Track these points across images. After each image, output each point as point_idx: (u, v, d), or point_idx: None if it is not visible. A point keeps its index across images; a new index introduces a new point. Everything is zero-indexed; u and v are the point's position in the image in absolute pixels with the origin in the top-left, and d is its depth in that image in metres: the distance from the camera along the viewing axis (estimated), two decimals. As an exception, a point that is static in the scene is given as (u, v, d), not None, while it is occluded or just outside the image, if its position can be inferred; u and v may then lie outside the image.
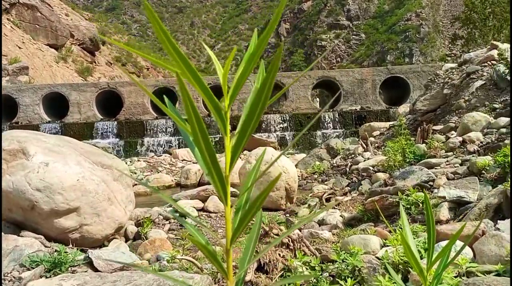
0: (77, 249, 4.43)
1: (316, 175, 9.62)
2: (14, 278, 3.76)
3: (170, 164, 14.20)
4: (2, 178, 4.43)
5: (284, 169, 6.81)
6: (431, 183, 5.03)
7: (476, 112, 7.17)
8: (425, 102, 9.97)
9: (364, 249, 3.34)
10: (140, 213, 6.10)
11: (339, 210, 5.71)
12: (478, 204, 3.76)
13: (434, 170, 5.44)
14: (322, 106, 33.75)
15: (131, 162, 14.44)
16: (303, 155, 12.96)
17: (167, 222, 6.27)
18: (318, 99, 45.40)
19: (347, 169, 8.87)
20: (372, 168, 7.77)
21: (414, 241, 2.40)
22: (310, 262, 3.31)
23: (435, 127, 8.00)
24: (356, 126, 18.75)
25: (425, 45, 70.76)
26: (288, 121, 20.33)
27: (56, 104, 22.98)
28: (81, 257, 4.18)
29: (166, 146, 19.72)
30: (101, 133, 20.72)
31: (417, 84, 21.27)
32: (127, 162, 14.23)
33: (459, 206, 4.14)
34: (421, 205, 4.27)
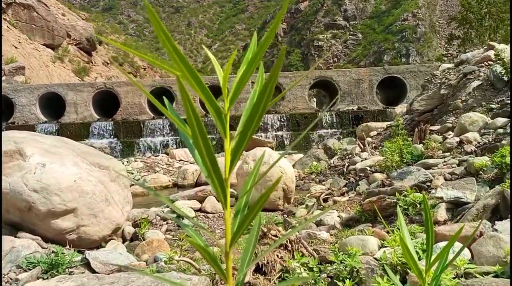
0: (74, 250, 4.42)
1: (314, 175, 9.62)
2: (11, 280, 3.75)
3: (167, 164, 14.17)
4: (-1, 179, 4.41)
5: (282, 169, 6.81)
6: (429, 184, 5.03)
7: (473, 112, 7.18)
8: (422, 102, 9.99)
9: (362, 250, 3.34)
10: (138, 214, 6.08)
11: (337, 211, 5.71)
12: (476, 205, 3.77)
13: (432, 171, 5.45)
14: (319, 106, 33.77)
15: (128, 162, 14.41)
16: (301, 155, 12.95)
17: (165, 223, 6.25)
18: (315, 99, 45.47)
19: (345, 169, 8.89)
20: (370, 168, 7.78)
21: (412, 242, 2.40)
22: (308, 263, 3.31)
23: (432, 127, 8.01)
24: (353, 126, 18.75)
25: (422, 45, 70.93)
26: (286, 121, 20.33)
27: (53, 104, 22.91)
28: (78, 258, 4.16)
29: (163, 146, 19.68)
30: (98, 133, 20.65)
31: (414, 84, 21.30)
32: (124, 162, 14.19)
33: (457, 207, 4.14)
34: (419, 206, 4.27)
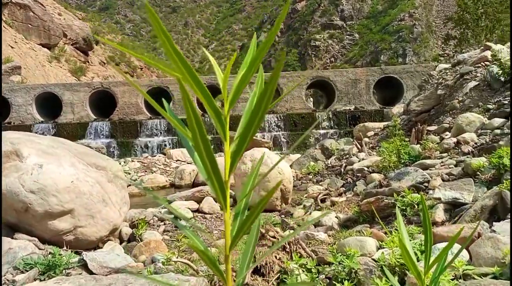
0: (72, 251, 4.40)
1: (311, 176, 9.62)
2: (8, 281, 3.73)
3: (164, 164, 14.14)
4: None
5: (279, 170, 6.80)
6: (426, 184, 5.04)
7: (470, 113, 7.19)
8: (419, 102, 10.01)
9: (361, 251, 3.34)
10: (135, 214, 6.07)
11: (335, 211, 5.71)
12: (474, 206, 3.77)
13: (429, 171, 5.45)
14: (316, 106, 33.79)
15: (125, 162, 14.38)
16: (298, 155, 12.95)
17: (162, 223, 6.24)
18: (312, 99, 45.51)
19: (342, 170, 8.89)
20: (367, 169, 7.78)
21: (411, 243, 2.40)
22: (307, 264, 3.30)
23: (429, 128, 8.02)
24: (350, 126, 18.77)
25: (418, 45, 71.00)
26: (283, 121, 20.32)
27: (49, 104, 22.84)
28: (76, 260, 4.15)
29: (160, 146, 19.65)
30: (95, 133, 20.60)
31: (411, 84, 21.34)
32: (121, 162, 14.16)
33: (454, 208, 4.14)
34: (417, 206, 4.27)
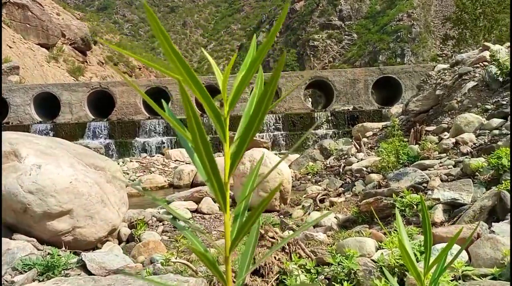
0: (70, 252, 4.39)
1: (310, 176, 9.62)
2: (7, 282, 3.72)
3: (163, 164, 14.13)
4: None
5: (278, 170, 6.80)
6: (425, 185, 5.04)
7: (469, 113, 7.20)
8: (418, 103, 10.02)
9: (360, 252, 3.33)
10: (134, 215, 6.06)
11: (333, 212, 5.71)
12: (472, 206, 3.77)
13: (428, 172, 5.46)
14: (314, 106, 33.81)
15: (124, 163, 14.37)
16: (297, 156, 12.94)
17: (161, 224, 6.23)
18: (311, 99, 45.55)
19: (341, 170, 8.89)
20: (366, 169, 7.79)
21: (410, 244, 2.40)
22: (306, 265, 3.30)
23: (428, 128, 8.03)
24: (349, 126, 18.78)
25: (417, 45, 71.08)
26: (281, 121, 20.32)
27: (47, 104, 22.80)
28: (74, 260, 4.14)
29: (159, 146, 19.63)
30: (93, 133, 20.58)
31: (409, 84, 21.37)
32: (120, 163, 14.15)
33: (453, 208, 4.15)
34: (416, 207, 4.27)
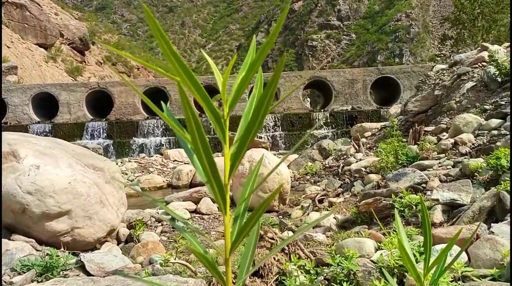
0: (69, 253, 4.38)
1: (309, 176, 9.61)
2: (5, 283, 3.71)
3: (162, 165, 14.10)
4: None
5: (277, 171, 6.80)
6: (424, 185, 5.04)
7: (467, 113, 7.20)
8: (416, 103, 10.02)
9: (359, 252, 3.33)
10: (132, 215, 6.05)
11: (332, 212, 5.71)
12: (472, 207, 3.78)
13: (427, 172, 5.46)
14: (313, 106, 33.82)
15: (122, 163, 14.33)
16: (295, 156, 12.92)
17: (160, 224, 6.23)
18: (309, 99, 45.57)
19: (339, 170, 8.89)
20: (365, 169, 7.78)
21: (409, 245, 2.40)
22: (305, 266, 3.30)
23: (427, 128, 8.03)
24: (348, 126, 18.78)
25: (415, 45, 71.22)
26: (280, 121, 20.32)
27: (46, 104, 22.76)
28: (73, 261, 4.13)
29: (157, 146, 19.60)
30: (92, 133, 20.54)
31: (408, 84, 21.38)
32: (118, 163, 14.11)
33: (453, 209, 4.15)
34: (415, 207, 4.27)
